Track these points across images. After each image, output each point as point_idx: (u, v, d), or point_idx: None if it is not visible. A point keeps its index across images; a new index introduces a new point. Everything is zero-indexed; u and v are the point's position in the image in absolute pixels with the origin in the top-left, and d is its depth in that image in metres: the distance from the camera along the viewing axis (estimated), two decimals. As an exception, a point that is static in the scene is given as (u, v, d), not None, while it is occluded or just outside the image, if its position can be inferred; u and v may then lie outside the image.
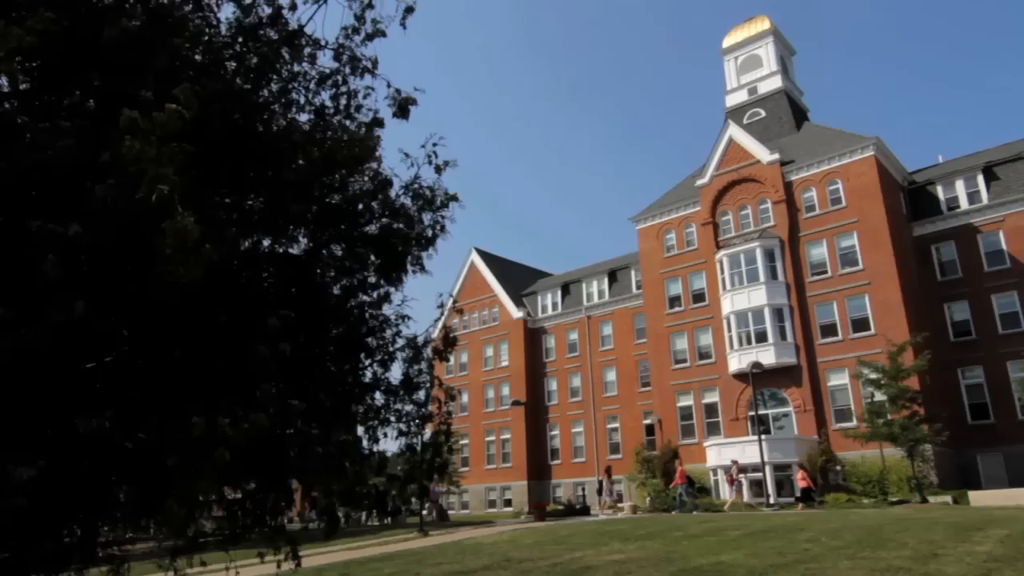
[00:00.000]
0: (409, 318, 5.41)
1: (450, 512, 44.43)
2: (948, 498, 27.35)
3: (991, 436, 35.90)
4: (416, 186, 5.06)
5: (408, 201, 5.03)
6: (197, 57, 5.07)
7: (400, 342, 6.15)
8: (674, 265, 45.11)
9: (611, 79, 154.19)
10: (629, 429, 48.98)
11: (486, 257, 61.66)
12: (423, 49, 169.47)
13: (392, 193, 5.36)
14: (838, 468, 34.94)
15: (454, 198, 5.07)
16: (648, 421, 46.89)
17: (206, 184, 3.79)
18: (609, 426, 50.96)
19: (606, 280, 53.87)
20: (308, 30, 7.05)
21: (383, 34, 6.91)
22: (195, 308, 3.47)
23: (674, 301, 44.75)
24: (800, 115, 46.78)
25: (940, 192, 40.87)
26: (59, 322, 2.93)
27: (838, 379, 37.20)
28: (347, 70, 6.97)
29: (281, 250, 4.90)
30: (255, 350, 3.47)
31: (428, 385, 6.53)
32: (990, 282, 37.86)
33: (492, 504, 54.05)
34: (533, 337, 56.70)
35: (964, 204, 39.75)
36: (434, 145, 5.11)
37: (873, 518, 18.67)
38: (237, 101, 4.39)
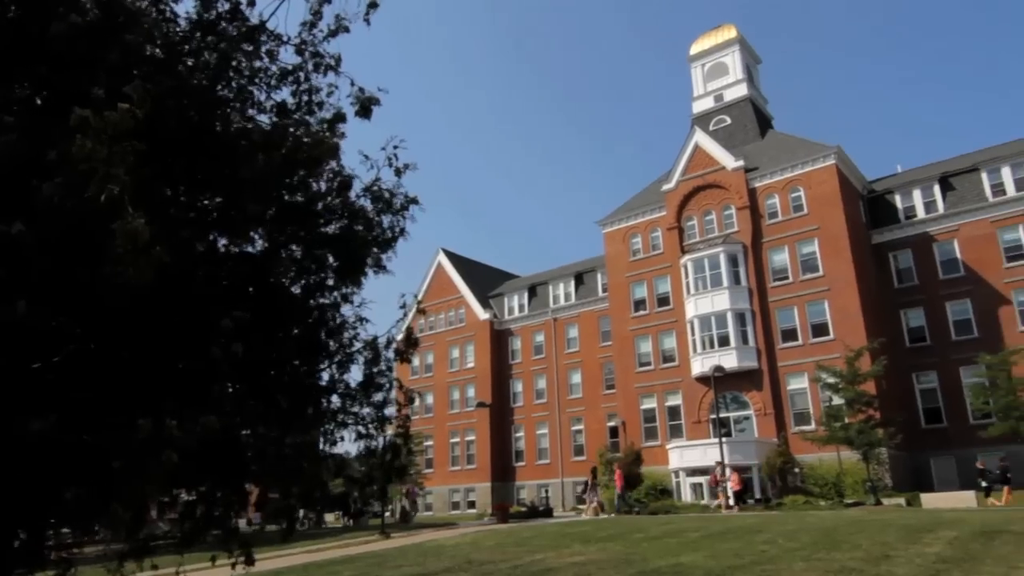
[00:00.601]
0: (368, 320, 5.37)
1: (413, 514, 44.19)
2: (902, 500, 28.02)
3: (944, 440, 36.86)
4: (376, 188, 5.03)
5: (368, 203, 4.99)
6: (157, 52, 4.98)
7: (359, 343, 6.11)
8: (640, 269, 45.50)
9: (581, 80, 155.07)
10: (593, 431, 49.27)
11: (453, 258, 61.54)
12: (390, 47, 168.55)
13: (352, 194, 5.32)
14: (796, 470, 35.55)
15: (414, 201, 5.05)
16: (612, 423, 47.22)
17: (159, 183, 3.72)
18: (574, 428, 51.19)
19: (573, 283, 54.12)
20: (271, 26, 6.97)
21: (346, 30, 6.85)
22: (146, 309, 3.41)
23: (639, 304, 45.13)
24: (764, 123, 47.56)
25: (898, 201, 41.87)
26: (-1, 321, 2.85)
27: (798, 383, 37.86)
28: (310, 67, 6.89)
29: (238, 250, 4.84)
30: (208, 351, 3.42)
31: (388, 387, 6.48)
32: (944, 290, 38.90)
33: (456, 506, 53.92)
34: (499, 338, 56.72)
35: (921, 213, 40.79)
36: (395, 148, 5.08)
37: (829, 520, 19.05)
38: (194, 98, 4.32)
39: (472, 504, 52.65)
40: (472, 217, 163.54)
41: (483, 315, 57.03)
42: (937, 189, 40.56)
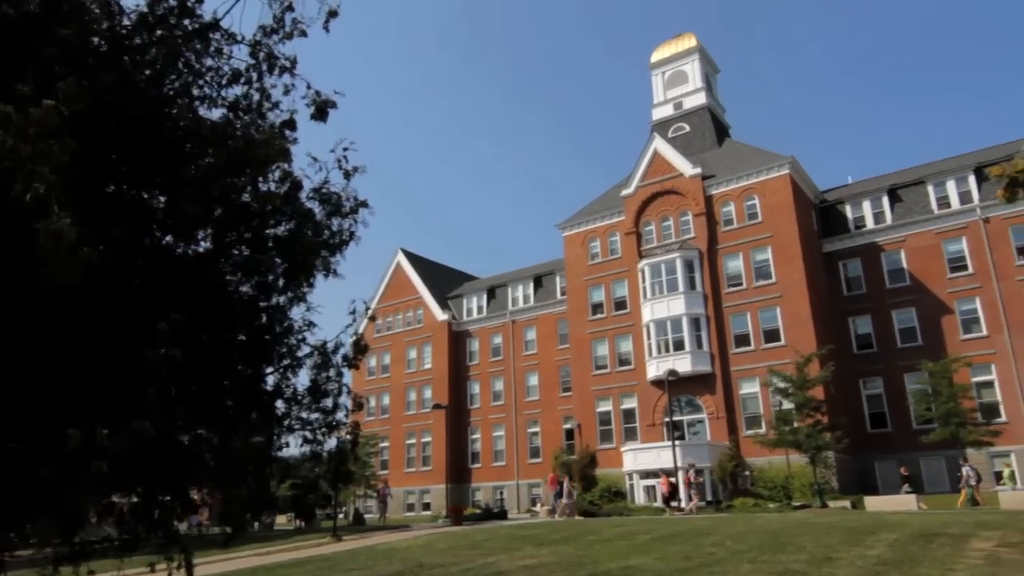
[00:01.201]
0: (315, 325, 5.30)
1: (367, 516, 43.80)
2: (847, 503, 28.72)
3: (888, 444, 37.97)
4: (325, 191, 4.97)
5: (317, 206, 4.94)
6: (101, 46, 4.85)
7: (307, 348, 6.04)
8: (598, 273, 45.88)
9: (543, 83, 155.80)
10: (549, 433, 49.47)
11: (412, 258, 61.19)
12: (348, 49, 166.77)
13: (303, 195, 5.25)
14: (747, 473, 36.23)
15: (364, 204, 5.01)
16: (568, 426, 47.48)
17: (97, 182, 3.62)
18: (530, 430, 51.34)
19: (532, 285, 54.30)
20: (225, 24, 6.83)
21: (303, 34, 6.77)
22: (78, 311, 3.31)
23: (597, 308, 45.50)
24: (722, 131, 48.41)
25: (848, 211, 43.01)
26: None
27: (750, 387, 38.60)
28: (264, 67, 6.79)
29: (181, 250, 4.74)
30: (143, 355, 3.34)
31: (337, 393, 6.41)
32: (891, 298, 40.09)
33: (411, 507, 53.59)
34: (457, 340, 56.60)
35: (870, 224, 41.97)
36: (344, 150, 5.03)
37: (776, 522, 19.43)
38: (138, 95, 4.22)
39: (427, 506, 52.41)
40: (432, 218, 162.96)
41: (441, 316, 56.86)
42: (886, 200, 41.79)
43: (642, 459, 37.64)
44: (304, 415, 5.91)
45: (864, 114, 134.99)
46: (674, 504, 30.71)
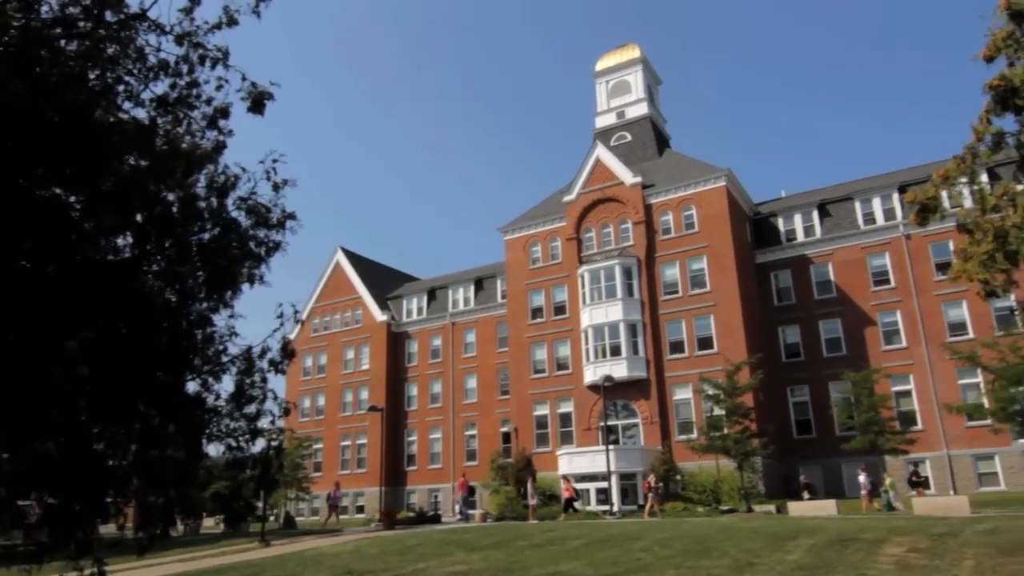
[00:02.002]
0: (237, 334, 5.18)
1: (298, 519, 42.94)
2: (772, 507, 29.61)
3: (812, 449, 39.33)
4: (252, 201, 4.86)
5: (243, 215, 4.82)
6: (11, 45, 4.63)
7: (231, 354, 5.89)
8: (538, 277, 46.17)
9: (487, 89, 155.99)
10: (487, 436, 49.48)
11: (352, 257, 60.34)
12: (286, 52, 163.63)
13: (230, 202, 5.13)
14: (678, 477, 36.96)
15: (291, 216, 4.91)
16: (505, 429, 47.57)
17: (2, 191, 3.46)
18: (467, 433, 51.24)
19: (472, 288, 54.26)
20: (153, 15, 6.62)
21: (235, 22, 6.58)
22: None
23: (536, 312, 45.76)
24: (662, 142, 49.36)
25: (781, 224, 44.41)
26: None
27: (683, 393, 39.42)
28: (195, 59, 6.59)
29: (99, 258, 4.56)
30: (49, 375, 3.20)
31: (262, 399, 6.27)
32: (818, 309, 41.58)
33: (344, 510, 52.73)
34: (396, 341, 56.09)
35: (800, 237, 43.44)
36: (274, 162, 4.93)
37: (703, 527, 19.89)
38: (50, 99, 4.05)
39: (361, 509, 51.72)
40: (373, 219, 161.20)
41: (380, 317, 56.26)
42: (816, 215, 43.32)
43: (577, 463, 37.98)
44: (227, 423, 5.76)
45: (800, 128, 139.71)
46: (575, 509, 30.95)
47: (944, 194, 10.49)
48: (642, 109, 49.13)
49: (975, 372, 33.11)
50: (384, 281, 60.86)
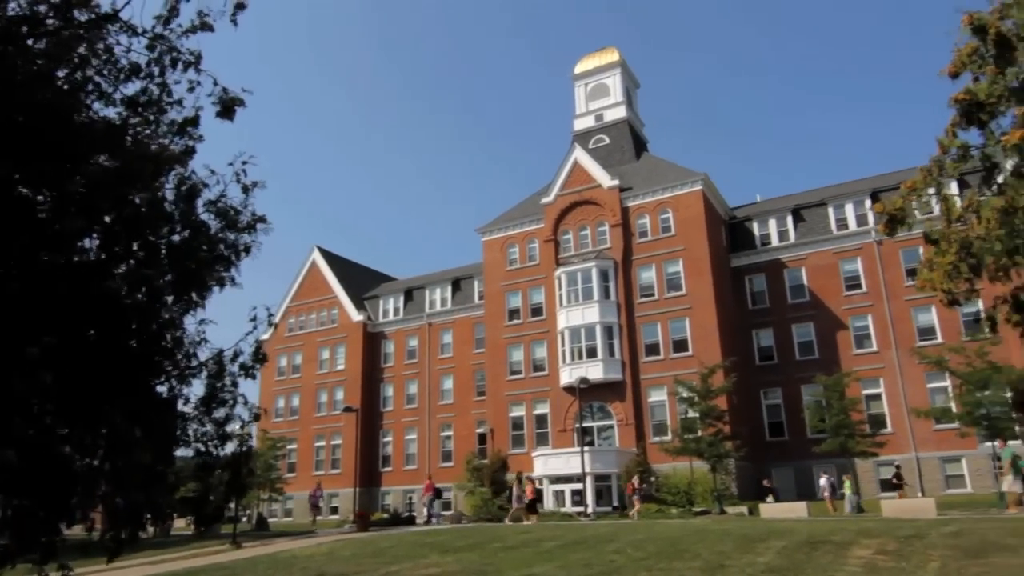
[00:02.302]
0: (207, 341, 5.14)
1: (271, 520, 42.56)
2: (744, 509, 29.91)
3: (784, 452, 39.82)
4: (222, 204, 4.83)
5: (212, 219, 4.79)
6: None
7: (202, 358, 5.84)
8: (516, 278, 46.24)
9: (467, 90, 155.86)
10: (462, 437, 49.44)
11: (328, 257, 59.95)
12: (262, 54, 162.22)
13: (199, 204, 5.09)
14: (652, 479, 37.20)
15: (262, 220, 4.89)
16: (481, 430, 47.58)
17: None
18: (443, 434, 51.16)
19: (449, 288, 54.20)
20: (125, 16, 6.55)
21: (210, 28, 6.54)
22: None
23: (513, 313, 45.83)
24: (640, 145, 49.68)
25: (756, 228, 44.93)
26: None
27: (658, 395, 39.71)
28: (167, 62, 6.54)
29: (65, 260, 4.51)
30: (8, 383, 3.15)
31: (232, 403, 6.22)
32: (791, 313, 42.12)
33: (319, 511, 52.34)
34: (372, 341, 55.84)
35: (775, 241, 43.97)
36: (244, 164, 4.90)
37: (676, 529, 20.02)
38: (18, 98, 3.99)
39: (335, 510, 51.37)
40: (351, 219, 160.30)
41: (357, 317, 55.97)
42: (790, 220, 43.88)
43: (552, 464, 38.11)
44: (195, 428, 5.72)
45: (777, 132, 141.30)
46: (538, 509, 30.90)
47: (914, 203, 10.72)
48: (620, 112, 49.42)
49: (943, 376, 33.73)
50: (361, 281, 60.56)
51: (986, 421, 27.61)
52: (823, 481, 30.92)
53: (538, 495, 32.71)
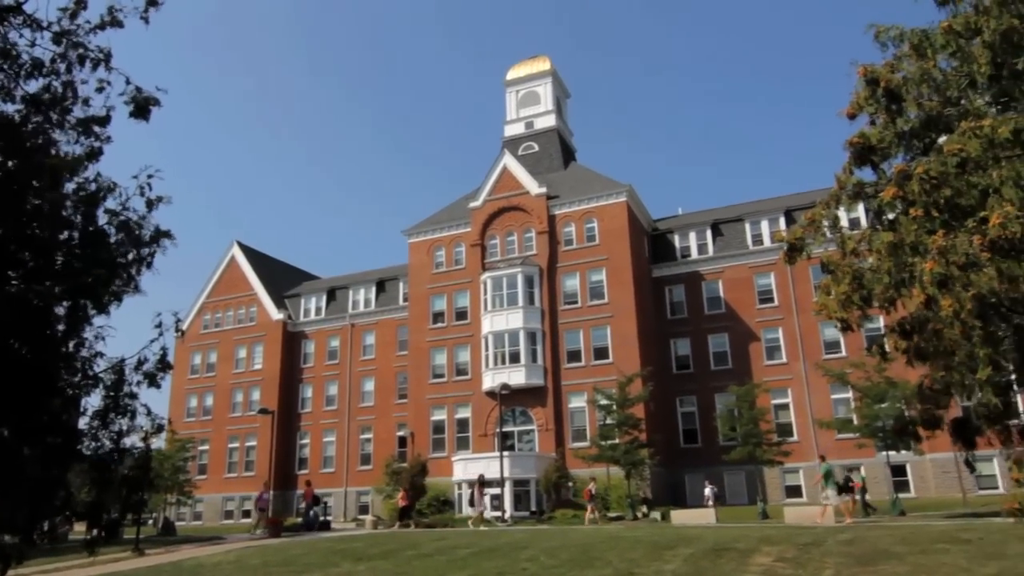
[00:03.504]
0: (102, 354, 4.96)
1: (178, 525, 41.01)
2: (657, 515, 30.69)
3: (697, 458, 41.09)
4: (124, 218, 4.67)
5: (113, 231, 4.62)
6: None
7: (102, 366, 5.62)
8: (441, 282, 46.10)
9: (393, 90, 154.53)
10: (382, 440, 48.90)
11: (248, 252, 58.25)
12: (181, 53, 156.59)
13: (101, 212, 4.91)
14: (570, 484, 37.71)
15: (166, 235, 4.75)
16: (401, 433, 47.18)
17: None
18: (363, 436, 50.48)
19: (374, 289, 53.56)
20: (30, 9, 6.33)
21: (119, 24, 6.32)
22: None
23: (438, 317, 45.67)
24: (568, 154, 50.39)
25: (676, 241, 46.25)
26: None
27: (578, 402, 40.31)
28: (73, 58, 6.30)
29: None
30: None
31: (131, 415, 6.01)
32: (708, 324, 43.53)
33: (229, 515, 50.83)
34: (292, 341, 54.60)
35: (694, 254, 45.37)
36: (149, 177, 4.75)
37: (590, 536, 20.38)
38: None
39: (247, 514, 49.86)
40: (273, 218, 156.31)
41: (276, 315, 54.62)
42: (709, 233, 45.36)
43: (472, 469, 38.05)
44: (89, 443, 5.51)
45: (701, 145, 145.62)
46: (410, 517, 30.64)
47: (809, 238, 11.31)
48: (550, 121, 50.01)
49: (847, 388, 35.47)
50: (282, 278, 59.12)
51: (882, 432, 29.16)
52: (707, 491, 32.66)
53: (410, 503, 32.03)
